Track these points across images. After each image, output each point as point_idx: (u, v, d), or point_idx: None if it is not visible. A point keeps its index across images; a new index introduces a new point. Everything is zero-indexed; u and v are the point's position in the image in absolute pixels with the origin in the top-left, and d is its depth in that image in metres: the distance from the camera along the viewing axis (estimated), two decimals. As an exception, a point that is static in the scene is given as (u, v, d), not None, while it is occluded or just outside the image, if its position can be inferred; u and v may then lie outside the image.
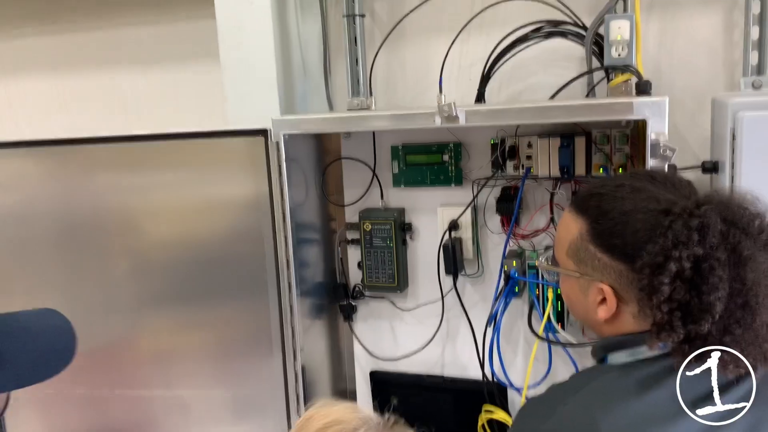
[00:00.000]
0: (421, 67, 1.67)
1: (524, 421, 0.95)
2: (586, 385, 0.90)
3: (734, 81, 1.46)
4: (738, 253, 0.81)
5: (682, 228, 0.82)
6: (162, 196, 1.53)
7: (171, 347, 1.61)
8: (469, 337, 1.54)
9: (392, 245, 1.58)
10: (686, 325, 0.81)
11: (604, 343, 0.93)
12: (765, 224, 0.85)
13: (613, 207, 0.89)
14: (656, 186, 0.89)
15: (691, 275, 0.80)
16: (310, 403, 0.87)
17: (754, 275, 0.81)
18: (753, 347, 0.82)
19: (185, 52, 1.91)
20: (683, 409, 0.82)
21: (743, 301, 0.81)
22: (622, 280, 0.87)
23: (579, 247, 0.92)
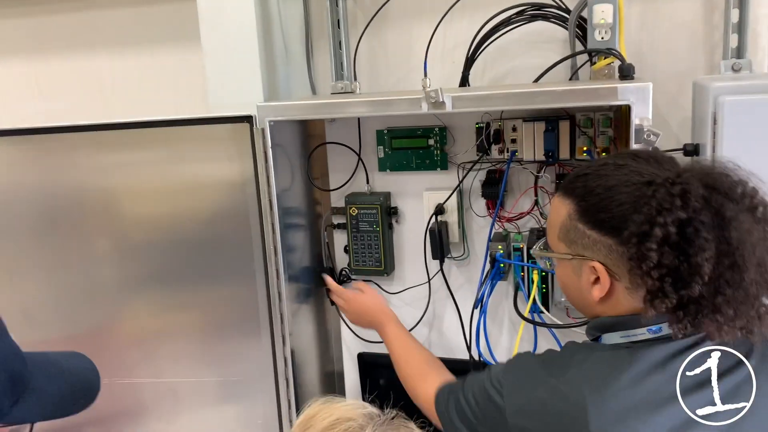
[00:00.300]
0: (405, 49, 1.67)
1: (520, 375, 0.98)
2: (581, 363, 0.92)
3: (714, 63, 1.48)
4: (721, 215, 0.84)
5: (664, 195, 0.84)
6: (145, 178, 1.51)
7: (157, 332, 1.60)
8: (456, 318, 1.56)
9: (378, 229, 1.59)
10: (678, 290, 0.83)
11: (597, 323, 0.95)
12: (748, 190, 0.87)
13: (598, 184, 0.91)
14: (639, 162, 0.91)
15: (677, 239, 0.83)
16: (309, 402, 0.88)
17: (738, 234, 0.83)
18: (745, 306, 0.84)
19: (165, 34, 1.88)
20: (674, 397, 0.85)
21: (731, 261, 0.83)
22: (613, 255, 0.89)
23: (569, 228, 0.94)
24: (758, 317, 0.85)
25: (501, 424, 0.96)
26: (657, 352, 0.88)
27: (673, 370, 0.86)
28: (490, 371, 1.03)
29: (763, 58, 1.45)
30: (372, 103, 1.30)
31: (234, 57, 1.55)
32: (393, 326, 1.39)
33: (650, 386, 0.86)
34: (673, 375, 0.86)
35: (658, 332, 0.88)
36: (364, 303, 1.47)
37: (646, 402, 0.85)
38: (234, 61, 1.55)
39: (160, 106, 1.93)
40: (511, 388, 0.97)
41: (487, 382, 1.01)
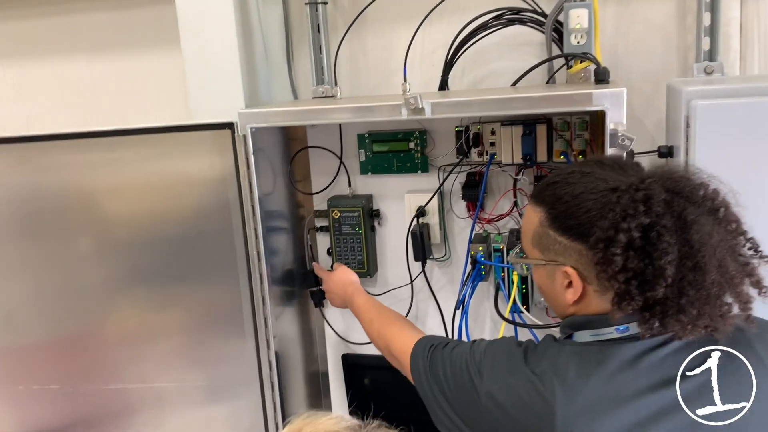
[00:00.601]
0: (385, 53, 1.68)
1: (497, 360, 1.00)
2: (553, 356, 0.95)
3: (688, 65, 1.51)
4: (683, 219, 0.87)
5: (628, 201, 0.87)
6: (127, 182, 1.51)
7: (141, 337, 1.60)
8: (438, 319, 1.59)
9: (361, 232, 1.60)
10: (643, 292, 0.86)
11: (570, 322, 0.99)
12: (709, 192, 0.91)
13: (566, 192, 0.94)
14: (605, 169, 0.95)
15: (641, 244, 0.86)
16: (290, 418, 0.88)
17: (700, 236, 0.86)
18: (708, 306, 0.87)
19: (145, 38, 1.88)
20: (641, 394, 0.88)
21: (693, 263, 0.86)
22: (583, 260, 0.92)
23: (541, 235, 0.98)
24: (721, 316, 0.88)
25: (473, 400, 0.99)
26: (625, 351, 0.91)
27: (640, 368, 0.89)
28: (473, 347, 1.05)
29: (735, 60, 1.49)
30: (353, 110, 1.31)
31: (214, 62, 1.55)
32: (363, 295, 1.45)
33: (617, 383, 0.89)
34: (639, 373, 0.89)
35: (626, 332, 0.92)
36: (333, 279, 1.54)
37: (612, 398, 0.88)
38: (214, 65, 1.55)
39: (140, 110, 1.93)
40: (488, 370, 0.99)
41: (468, 357, 1.03)
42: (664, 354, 0.90)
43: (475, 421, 0.99)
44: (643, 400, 0.87)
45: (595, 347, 0.93)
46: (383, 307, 1.39)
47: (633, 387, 0.88)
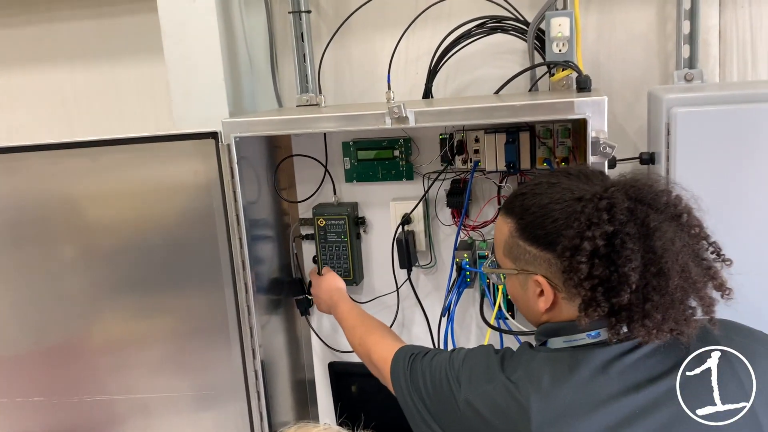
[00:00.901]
0: (369, 61, 1.68)
1: (476, 369, 1.01)
2: (527, 363, 0.97)
3: (668, 72, 1.53)
4: (646, 225, 0.89)
5: (592, 210, 0.89)
6: (110, 190, 1.50)
7: (125, 346, 1.59)
8: (424, 326, 1.59)
9: (346, 239, 1.60)
10: (609, 298, 0.88)
11: (543, 329, 1.01)
12: (672, 198, 0.93)
13: (534, 202, 0.96)
14: (570, 179, 0.97)
15: (605, 251, 0.88)
16: (281, 430, 0.88)
17: (662, 243, 0.88)
18: (672, 310, 0.88)
19: (128, 47, 1.87)
20: (613, 397, 0.89)
21: (657, 269, 0.88)
22: (552, 269, 0.95)
23: (511, 245, 1.00)
24: (685, 319, 0.90)
25: (452, 408, 1.00)
26: (597, 356, 0.92)
27: (611, 373, 0.91)
28: (452, 356, 1.06)
29: (714, 67, 1.51)
30: (337, 118, 1.32)
31: (198, 70, 1.55)
32: (347, 303, 1.46)
33: (590, 388, 0.90)
34: (611, 378, 0.91)
35: (597, 337, 0.93)
36: (321, 285, 1.55)
37: (585, 403, 0.89)
38: (198, 74, 1.55)
39: (124, 119, 1.92)
40: (466, 378, 1.01)
41: (447, 366, 1.04)
42: (634, 358, 0.92)
43: (454, 429, 1.00)
44: (615, 404, 0.89)
45: (567, 353, 0.95)
46: (366, 316, 1.40)
47: (605, 392, 0.90)
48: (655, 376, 0.91)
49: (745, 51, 1.49)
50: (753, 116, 1.18)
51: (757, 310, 1.23)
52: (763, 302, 1.23)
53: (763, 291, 1.23)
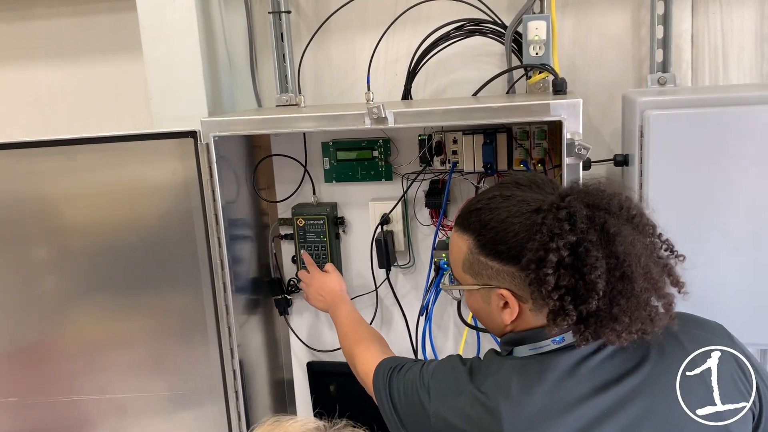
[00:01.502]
0: (348, 62, 1.69)
1: (444, 381, 1.02)
2: (496, 372, 0.97)
3: (642, 75, 1.56)
4: (606, 231, 0.90)
5: (553, 221, 0.89)
6: (87, 188, 1.49)
7: (101, 346, 1.58)
8: (403, 325, 1.60)
9: (326, 239, 1.61)
10: (577, 306, 0.89)
11: (508, 339, 1.01)
12: (623, 200, 0.94)
13: (491, 218, 0.96)
14: (523, 190, 0.97)
15: (570, 261, 0.88)
16: (254, 426, 0.88)
17: (624, 248, 0.89)
18: (638, 312, 0.90)
19: (105, 45, 1.86)
20: (581, 400, 0.91)
21: (621, 273, 0.89)
22: (516, 281, 0.95)
23: (472, 261, 0.99)
24: (650, 319, 0.91)
25: (424, 422, 1.00)
26: (563, 361, 0.94)
27: (579, 375, 0.92)
28: (422, 370, 1.07)
29: (687, 71, 1.54)
30: (317, 119, 1.32)
31: (177, 69, 1.54)
32: (348, 306, 1.45)
33: (559, 393, 0.92)
34: (579, 380, 0.92)
35: (562, 342, 0.94)
36: (326, 283, 1.52)
37: (555, 407, 0.91)
38: (177, 73, 1.54)
39: (101, 117, 1.91)
40: (436, 392, 1.01)
41: (418, 380, 1.05)
42: (600, 359, 0.93)
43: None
44: (585, 405, 0.90)
45: (534, 360, 0.96)
46: (360, 323, 1.40)
47: (575, 394, 0.91)
48: (622, 374, 0.92)
49: (716, 56, 1.52)
50: (724, 119, 1.21)
51: (726, 311, 1.26)
52: (734, 302, 1.27)
53: (733, 291, 1.26)
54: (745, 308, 1.27)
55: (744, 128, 1.21)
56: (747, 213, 1.23)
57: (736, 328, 1.01)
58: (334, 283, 1.53)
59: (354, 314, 1.44)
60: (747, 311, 1.27)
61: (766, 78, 1.51)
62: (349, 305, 1.47)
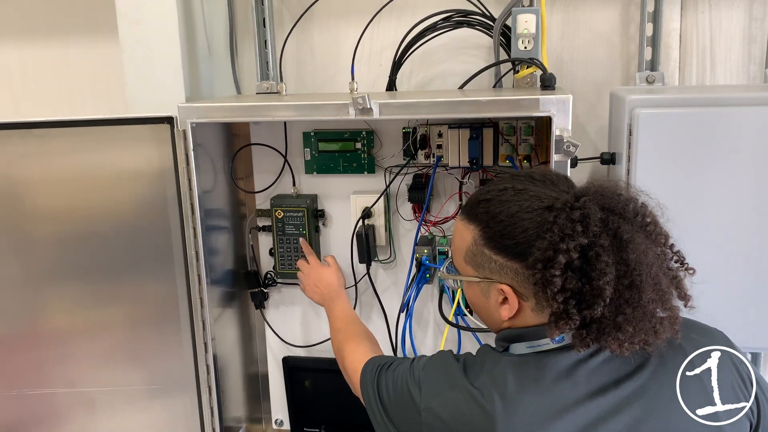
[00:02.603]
0: (332, 50, 1.65)
1: (436, 375, 0.99)
2: (491, 368, 0.94)
3: (630, 73, 1.54)
4: (619, 237, 0.87)
5: (565, 221, 0.86)
6: (59, 174, 1.44)
7: (71, 338, 1.53)
8: (382, 321, 1.57)
9: (305, 232, 1.57)
10: (581, 311, 0.86)
11: (505, 335, 0.98)
12: (639, 207, 0.91)
13: (501, 210, 0.92)
14: (536, 185, 0.93)
15: (579, 264, 0.85)
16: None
17: (636, 256, 0.86)
18: (643, 323, 0.87)
19: (80, 25, 1.80)
20: (578, 402, 0.88)
21: (629, 281, 0.86)
22: (519, 278, 0.92)
23: (475, 253, 0.96)
24: (654, 331, 0.88)
25: (414, 417, 0.97)
26: (561, 361, 0.91)
27: (577, 377, 0.90)
28: (412, 364, 1.04)
29: (674, 70, 1.53)
30: (299, 107, 1.28)
31: (154, 53, 1.49)
32: (343, 302, 1.41)
33: (555, 394, 0.89)
34: (577, 382, 0.90)
35: (561, 341, 0.91)
36: (323, 275, 1.48)
37: (551, 408, 0.88)
38: (154, 57, 1.49)
39: (74, 100, 1.85)
40: (428, 386, 0.98)
41: (408, 374, 1.02)
42: (599, 361, 0.91)
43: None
44: (582, 408, 0.88)
45: (532, 358, 0.93)
46: (354, 320, 1.36)
47: (572, 396, 0.89)
48: (621, 378, 0.90)
49: (704, 55, 1.51)
50: (713, 120, 1.20)
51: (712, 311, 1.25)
52: (720, 302, 1.25)
53: (719, 290, 1.25)
54: (730, 308, 1.26)
55: (732, 129, 1.20)
56: (733, 213, 1.22)
57: (720, 328, 1.00)
58: (332, 276, 1.49)
59: (349, 311, 1.40)
60: (733, 311, 1.26)
61: (752, 79, 1.50)
62: (345, 301, 1.43)
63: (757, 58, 1.49)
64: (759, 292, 1.25)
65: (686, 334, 0.94)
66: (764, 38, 1.46)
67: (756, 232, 1.23)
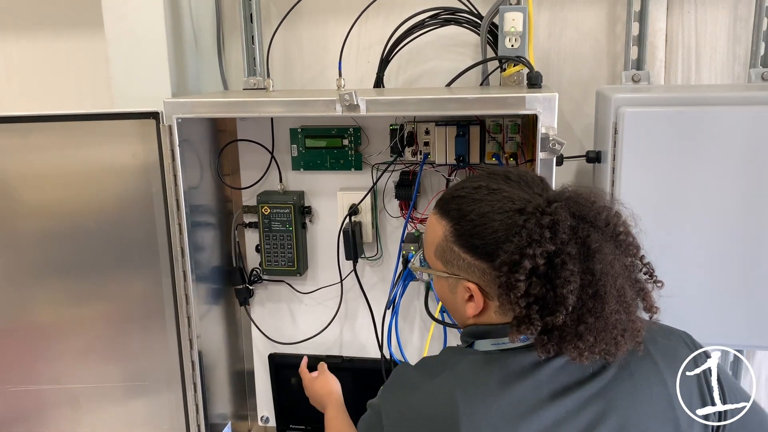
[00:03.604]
0: (320, 47, 1.65)
1: (394, 386, 0.99)
2: (453, 366, 0.94)
3: (616, 72, 1.55)
4: (587, 246, 0.87)
5: (534, 226, 0.86)
6: (44, 168, 1.42)
7: (55, 334, 1.52)
8: (368, 318, 1.57)
9: (291, 229, 1.57)
10: (543, 317, 0.86)
11: (470, 331, 0.98)
12: (611, 216, 0.91)
13: (472, 209, 0.92)
14: (511, 186, 0.93)
15: (545, 271, 0.85)
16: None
17: (602, 266, 0.86)
18: (605, 333, 0.87)
19: (66, 18, 1.78)
20: (541, 403, 0.88)
21: (593, 291, 0.86)
22: (486, 278, 0.92)
23: (445, 249, 0.96)
24: (615, 343, 0.88)
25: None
26: (525, 360, 0.91)
27: (540, 377, 0.90)
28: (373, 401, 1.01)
29: (660, 69, 1.54)
30: (286, 103, 1.28)
31: (140, 47, 1.48)
32: (333, 408, 1.35)
33: (519, 393, 0.89)
34: (540, 382, 0.89)
35: (526, 341, 0.91)
36: (314, 386, 1.43)
37: (514, 408, 0.87)
38: (140, 51, 1.48)
39: (60, 95, 1.83)
40: (387, 403, 0.97)
41: (369, 410, 1.00)
42: (562, 362, 0.90)
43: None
44: (545, 408, 0.88)
45: (495, 356, 0.93)
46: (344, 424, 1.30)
47: (536, 396, 0.88)
48: (583, 379, 0.90)
49: (689, 55, 1.52)
50: (698, 119, 1.21)
51: (698, 309, 1.27)
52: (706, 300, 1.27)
53: (705, 288, 1.27)
54: (712, 306, 1.27)
55: (716, 128, 1.21)
56: (717, 212, 1.24)
57: (702, 325, 1.01)
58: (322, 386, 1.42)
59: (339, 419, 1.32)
60: (714, 309, 1.27)
61: (737, 79, 1.51)
62: (336, 408, 1.36)
63: (742, 58, 1.50)
64: (745, 290, 1.26)
65: (651, 336, 0.95)
66: (749, 38, 1.47)
67: (741, 229, 1.24)
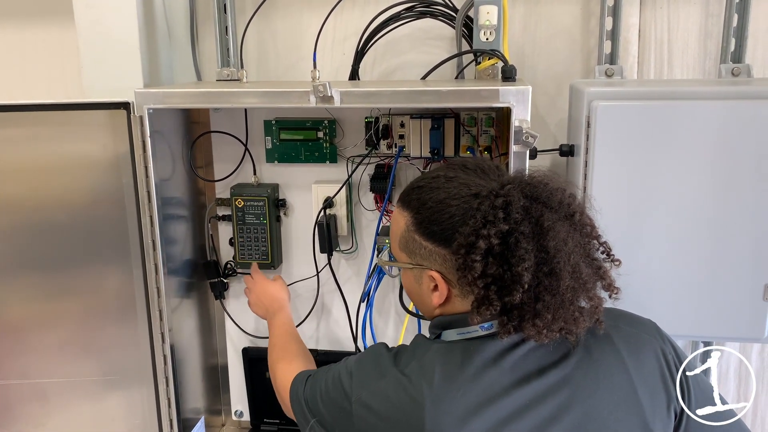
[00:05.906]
0: (294, 38, 1.63)
1: (368, 366, 1.00)
2: (421, 356, 0.96)
3: (590, 67, 1.56)
4: (540, 224, 0.89)
5: (488, 208, 0.89)
6: (10, 159, 1.39)
7: (24, 326, 1.49)
8: (343, 311, 1.57)
9: (266, 222, 1.56)
10: (502, 297, 0.88)
11: (437, 322, 1.00)
12: (565, 197, 0.93)
13: (431, 197, 0.95)
14: (468, 174, 0.96)
15: (500, 250, 0.87)
16: None
17: (555, 243, 0.88)
18: (562, 310, 0.89)
19: (34, 6, 1.74)
20: (505, 391, 0.90)
21: (549, 268, 0.88)
22: (447, 264, 0.94)
23: (407, 239, 0.98)
24: (574, 320, 0.90)
25: (346, 415, 0.97)
26: (489, 348, 0.93)
27: (503, 366, 0.92)
28: (346, 361, 1.05)
29: (633, 64, 1.55)
30: (259, 94, 1.26)
31: (111, 37, 1.46)
32: (283, 316, 1.39)
33: (483, 381, 0.90)
34: (503, 370, 0.91)
35: (490, 329, 0.93)
36: (267, 289, 1.47)
37: (478, 396, 0.89)
38: (111, 41, 1.46)
39: (29, 85, 1.79)
40: (358, 377, 0.99)
41: (342, 371, 1.02)
42: (525, 350, 0.92)
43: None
44: (508, 397, 0.90)
45: (461, 345, 0.95)
46: (292, 336, 1.35)
47: (499, 384, 0.90)
48: (545, 366, 0.92)
49: (662, 50, 1.53)
50: (669, 113, 1.22)
51: (669, 300, 1.28)
52: (675, 292, 1.28)
53: (675, 280, 1.28)
54: (681, 297, 1.29)
55: (687, 122, 1.22)
56: (687, 204, 1.25)
57: (674, 318, 1.02)
58: (276, 290, 1.47)
59: (288, 326, 1.38)
60: (683, 300, 1.29)
61: (708, 74, 1.53)
62: (286, 316, 1.41)
63: (713, 54, 1.52)
64: (714, 283, 1.28)
65: (615, 324, 0.97)
66: (719, 34, 1.49)
67: (711, 222, 1.25)
